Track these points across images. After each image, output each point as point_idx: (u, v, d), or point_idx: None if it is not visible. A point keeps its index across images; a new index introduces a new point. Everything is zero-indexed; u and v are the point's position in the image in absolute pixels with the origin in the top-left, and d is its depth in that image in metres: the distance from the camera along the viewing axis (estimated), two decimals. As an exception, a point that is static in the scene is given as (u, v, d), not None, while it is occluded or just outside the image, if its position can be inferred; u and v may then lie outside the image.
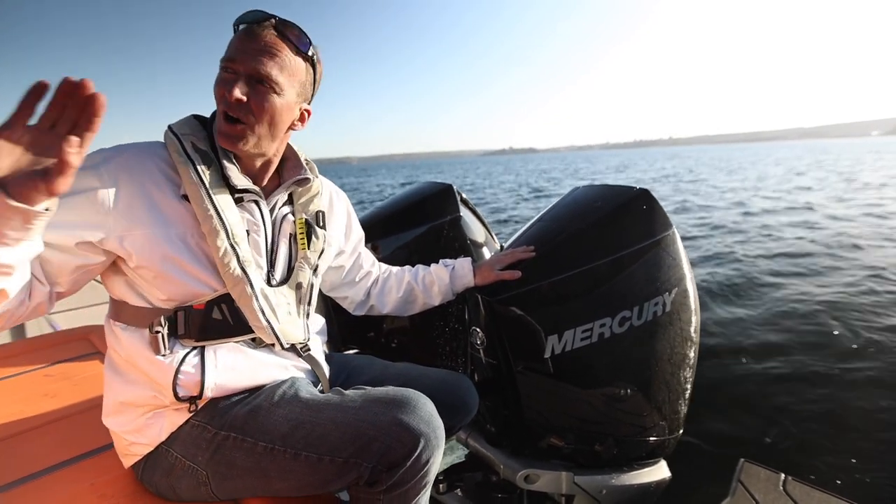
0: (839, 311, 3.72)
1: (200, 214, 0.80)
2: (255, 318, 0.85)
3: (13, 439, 1.11)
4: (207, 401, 0.86)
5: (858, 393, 2.58)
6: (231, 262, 0.81)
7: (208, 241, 0.81)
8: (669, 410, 1.19)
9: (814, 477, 1.93)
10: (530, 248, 1.18)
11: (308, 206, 0.98)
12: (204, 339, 0.84)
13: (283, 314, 0.89)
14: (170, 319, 0.83)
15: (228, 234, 0.81)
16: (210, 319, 0.84)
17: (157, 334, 0.81)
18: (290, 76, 0.84)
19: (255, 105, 0.81)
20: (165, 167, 0.82)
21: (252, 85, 0.80)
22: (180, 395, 0.82)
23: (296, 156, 0.99)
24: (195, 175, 0.80)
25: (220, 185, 0.83)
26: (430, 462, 0.83)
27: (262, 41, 0.80)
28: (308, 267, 0.96)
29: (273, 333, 0.87)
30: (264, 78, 0.80)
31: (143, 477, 0.90)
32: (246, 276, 0.83)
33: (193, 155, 0.82)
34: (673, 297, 1.13)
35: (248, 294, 0.83)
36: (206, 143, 0.85)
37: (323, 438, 0.80)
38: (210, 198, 0.80)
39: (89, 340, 1.74)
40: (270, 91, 0.81)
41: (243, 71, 0.80)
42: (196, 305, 0.83)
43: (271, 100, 0.82)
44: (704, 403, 2.45)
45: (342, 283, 1.21)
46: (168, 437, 0.85)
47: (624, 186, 1.25)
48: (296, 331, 0.93)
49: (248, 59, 0.79)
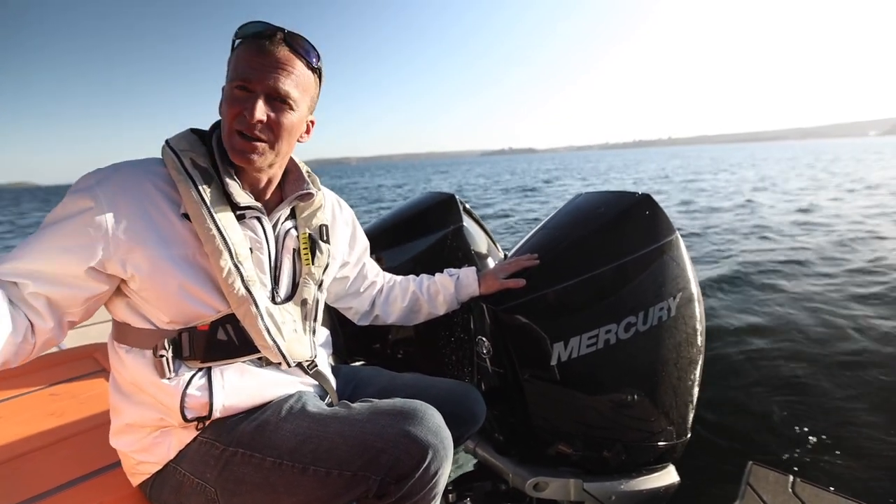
0: (848, 312, 3.71)
1: (203, 234, 0.78)
2: (261, 338, 0.84)
3: (19, 459, 1.11)
4: (215, 419, 0.85)
5: (868, 394, 2.57)
6: (235, 282, 0.80)
7: (211, 262, 0.79)
8: (677, 415, 1.18)
9: (823, 478, 1.92)
10: (534, 256, 1.18)
11: (311, 221, 0.97)
12: (209, 360, 0.83)
13: (288, 332, 0.88)
14: (174, 342, 0.82)
15: (232, 253, 0.80)
16: (215, 340, 0.83)
17: (161, 358, 0.80)
18: (304, 91, 0.84)
19: (275, 124, 0.81)
20: (164, 185, 0.80)
21: (271, 103, 0.80)
22: (188, 417, 0.81)
23: (298, 169, 0.98)
24: (196, 193, 0.79)
25: (222, 203, 0.82)
26: (439, 473, 0.82)
27: (275, 57, 0.79)
28: (313, 283, 0.95)
29: (279, 352, 0.86)
30: (283, 97, 0.80)
31: (151, 496, 0.89)
32: (250, 295, 0.82)
33: (193, 172, 0.80)
34: (678, 302, 1.14)
35: (254, 314, 0.82)
36: (205, 159, 0.84)
37: (331, 452, 0.80)
38: (212, 217, 0.79)
39: (94, 358, 1.73)
40: (288, 108, 0.82)
41: (261, 90, 0.79)
42: (200, 327, 0.82)
43: (290, 117, 0.82)
44: (712, 407, 2.45)
45: (346, 293, 1.21)
46: (176, 455, 0.85)
47: (626, 192, 1.25)
48: (302, 349, 0.92)
49: (264, 78, 0.78)
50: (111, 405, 0.89)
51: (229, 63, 0.83)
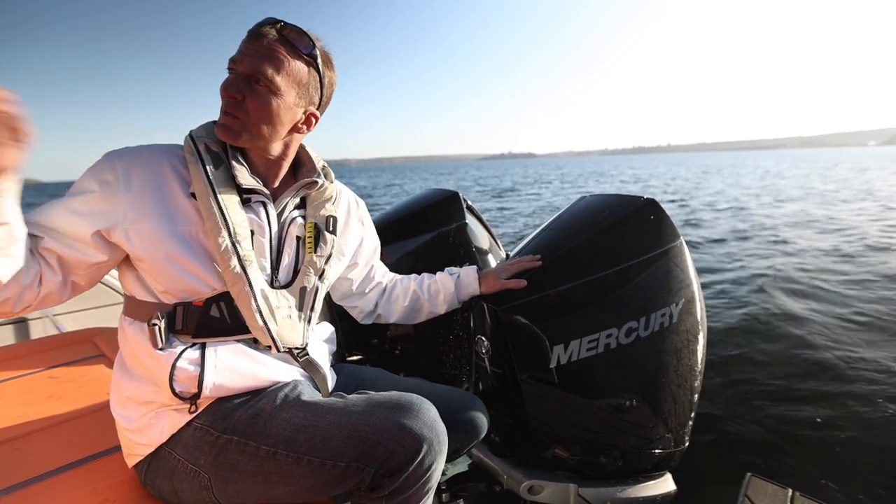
0: (851, 323, 3.68)
1: (204, 211, 0.82)
2: (252, 319, 0.85)
3: (17, 441, 1.11)
4: (209, 403, 0.86)
5: (869, 407, 2.54)
6: (231, 259, 0.82)
7: (210, 239, 0.82)
8: (675, 423, 1.17)
9: (822, 493, 1.90)
10: (536, 256, 1.18)
11: (319, 211, 0.99)
12: (201, 335, 0.85)
13: (282, 317, 0.89)
14: (168, 314, 0.84)
15: (231, 231, 0.82)
16: (208, 317, 0.85)
17: (154, 327, 0.82)
18: (288, 77, 0.85)
19: (251, 103, 0.83)
20: (179, 166, 0.85)
21: (249, 84, 0.83)
22: (177, 391, 0.82)
23: (311, 160, 1.00)
24: (203, 173, 0.83)
25: (229, 185, 0.85)
26: (433, 467, 0.82)
27: (263, 43, 0.83)
28: (314, 272, 0.96)
29: (269, 335, 0.87)
30: (260, 77, 0.83)
31: (146, 480, 0.90)
32: (245, 274, 0.84)
33: (205, 155, 0.85)
34: (680, 308, 1.13)
35: (247, 293, 0.84)
36: (218, 145, 0.88)
37: (326, 443, 0.80)
38: (215, 195, 0.82)
39: (94, 343, 1.75)
40: (267, 91, 0.84)
41: (241, 71, 0.83)
42: (196, 302, 0.84)
43: (267, 99, 0.84)
44: (711, 416, 2.43)
45: (353, 293, 1.21)
46: (170, 439, 0.85)
47: (631, 196, 1.25)
48: (294, 335, 0.92)
49: (247, 60, 0.82)
50: (113, 378, 0.91)
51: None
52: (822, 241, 7.34)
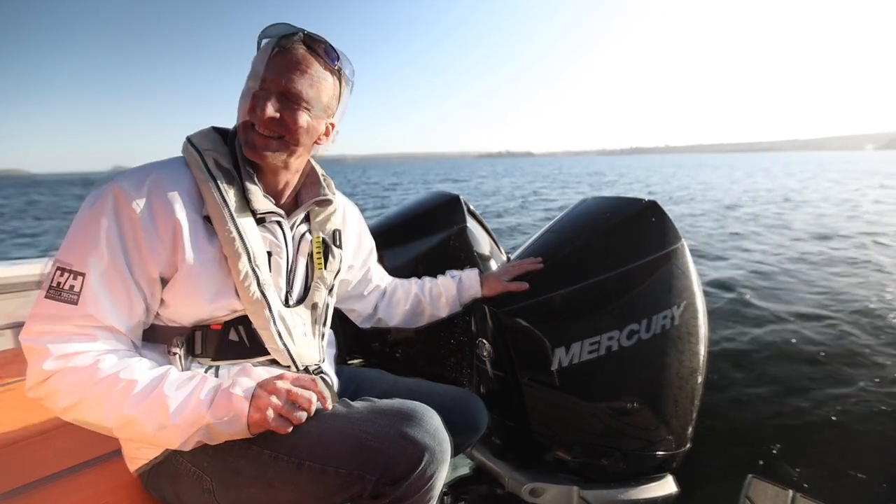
0: (852, 325, 3.68)
1: (223, 237, 0.80)
2: (273, 342, 0.85)
3: (17, 446, 1.11)
4: None
5: (870, 409, 2.54)
6: (251, 285, 0.82)
7: (229, 264, 0.81)
8: (677, 425, 1.17)
9: (824, 495, 1.90)
10: (538, 259, 1.18)
11: (325, 225, 0.98)
12: (220, 359, 0.85)
13: (298, 335, 0.89)
14: (187, 339, 0.83)
15: (250, 257, 0.81)
16: (226, 341, 0.85)
17: (174, 355, 0.82)
18: (319, 92, 0.84)
19: (290, 121, 0.82)
20: (189, 186, 0.82)
21: (284, 102, 0.81)
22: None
23: (315, 173, 0.99)
24: (218, 195, 0.80)
25: (244, 206, 0.83)
26: (436, 476, 0.82)
27: (292, 57, 0.81)
28: (324, 287, 0.96)
29: (289, 356, 0.88)
30: (296, 96, 0.81)
31: (148, 484, 0.89)
32: (265, 299, 0.83)
33: (216, 173, 0.82)
34: (681, 311, 1.13)
35: (266, 317, 0.84)
36: (228, 160, 0.85)
37: (327, 449, 0.79)
38: (233, 220, 0.80)
39: None
40: (301, 108, 0.82)
41: (274, 88, 0.81)
42: (213, 325, 0.84)
43: (302, 116, 0.83)
44: (712, 418, 2.43)
45: (350, 295, 1.20)
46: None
47: (633, 198, 1.25)
48: (311, 352, 0.93)
49: (279, 77, 0.80)
50: None
51: (252, 62, 0.85)
52: (826, 243, 7.35)
